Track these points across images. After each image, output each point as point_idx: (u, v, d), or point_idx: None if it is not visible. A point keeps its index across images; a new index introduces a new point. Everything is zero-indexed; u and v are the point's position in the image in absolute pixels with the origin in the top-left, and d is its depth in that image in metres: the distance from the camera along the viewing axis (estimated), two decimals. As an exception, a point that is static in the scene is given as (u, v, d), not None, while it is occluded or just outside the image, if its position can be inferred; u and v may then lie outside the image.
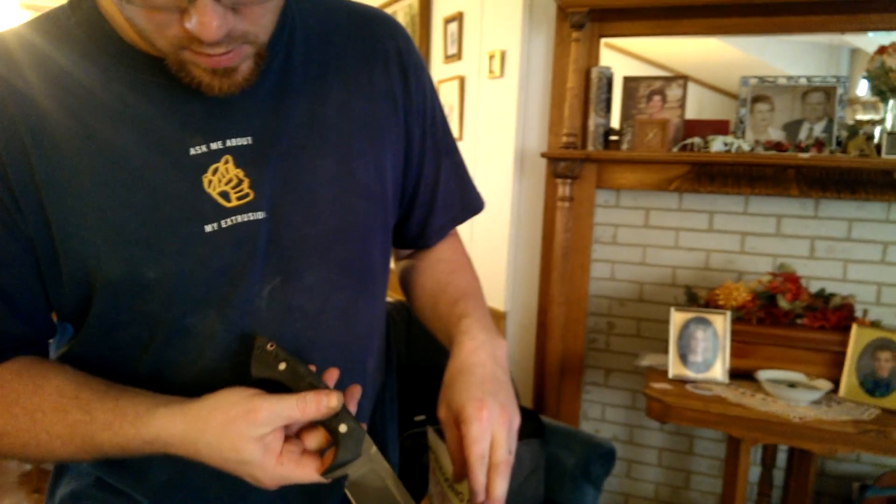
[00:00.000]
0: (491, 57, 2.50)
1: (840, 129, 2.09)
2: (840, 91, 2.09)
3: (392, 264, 0.83)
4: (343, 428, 0.58)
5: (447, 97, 2.83)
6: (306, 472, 0.57)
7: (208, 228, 0.61)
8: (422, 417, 1.87)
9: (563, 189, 2.32)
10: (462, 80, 2.73)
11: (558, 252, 2.35)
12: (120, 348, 0.64)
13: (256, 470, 0.56)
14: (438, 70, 2.93)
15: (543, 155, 2.35)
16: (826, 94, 2.10)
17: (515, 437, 0.61)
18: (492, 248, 2.55)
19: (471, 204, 0.86)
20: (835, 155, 2.03)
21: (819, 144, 2.07)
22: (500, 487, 0.57)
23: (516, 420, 0.61)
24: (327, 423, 0.58)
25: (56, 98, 0.59)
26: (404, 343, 2.19)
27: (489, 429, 0.59)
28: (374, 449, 0.60)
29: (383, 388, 0.83)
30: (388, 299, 1.10)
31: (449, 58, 2.82)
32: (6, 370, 0.62)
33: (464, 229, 0.89)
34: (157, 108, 0.61)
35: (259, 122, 0.64)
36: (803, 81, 2.13)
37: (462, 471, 0.61)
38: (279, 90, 0.66)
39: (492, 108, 2.57)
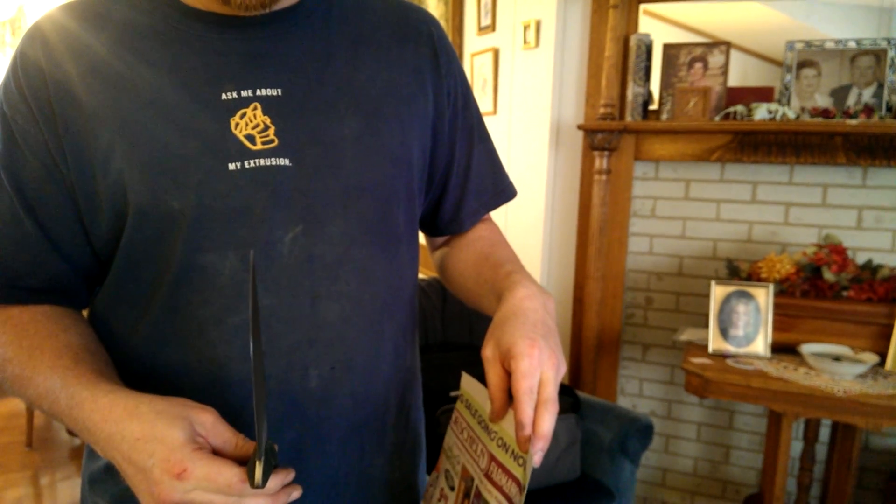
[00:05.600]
0: (525, 27, 2.46)
1: (891, 93, 2.00)
2: (891, 54, 2.00)
3: (423, 253, 0.82)
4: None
5: (481, 70, 2.80)
6: None
7: (231, 167, 0.64)
8: (457, 393, 1.89)
9: (600, 162, 2.29)
10: (496, 52, 2.69)
11: (595, 226, 2.32)
12: (140, 286, 0.66)
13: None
14: (472, 42, 2.90)
15: (580, 127, 2.31)
16: (876, 58, 2.02)
17: (559, 383, 0.61)
18: (527, 223, 2.53)
19: (503, 190, 0.88)
20: (885, 121, 1.96)
21: (868, 110, 1.99)
22: (547, 423, 0.57)
23: (563, 368, 0.61)
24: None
25: (105, 46, 0.64)
26: (439, 320, 2.20)
27: (539, 366, 0.58)
28: None
29: (412, 369, 0.83)
30: (422, 276, 1.10)
31: (482, 29, 2.78)
32: (41, 310, 0.67)
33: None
34: (197, 57, 0.65)
35: (290, 78, 0.67)
36: (852, 45, 2.04)
37: (502, 410, 0.61)
38: (313, 52, 0.69)
39: (527, 80, 2.53)
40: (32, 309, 0.67)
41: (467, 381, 0.70)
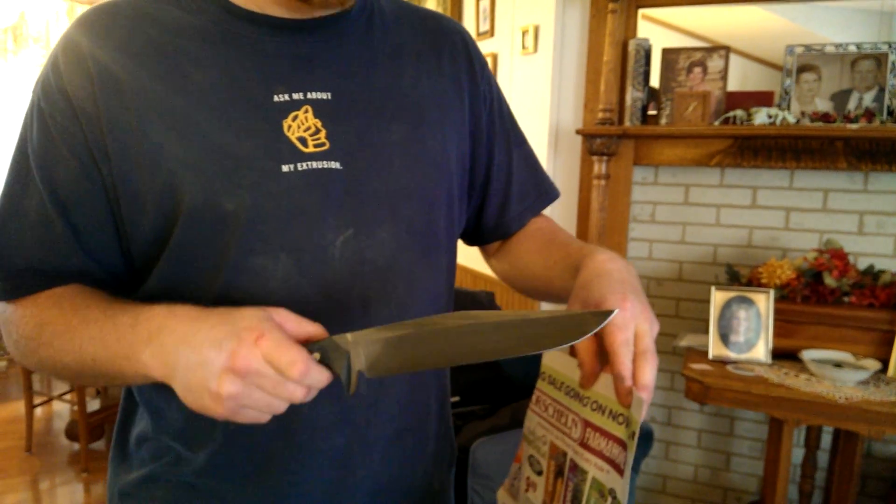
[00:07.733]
0: (524, 32, 2.46)
1: (891, 97, 1.99)
2: (892, 58, 1.99)
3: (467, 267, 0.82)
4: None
5: (480, 75, 2.79)
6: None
7: (284, 168, 0.64)
8: (456, 399, 1.88)
9: (599, 166, 2.28)
10: (495, 58, 2.69)
11: (594, 232, 2.31)
12: (189, 287, 0.65)
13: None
14: (471, 47, 2.89)
15: (579, 132, 2.30)
16: (877, 62, 2.01)
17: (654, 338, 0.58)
18: (527, 228, 2.52)
19: (546, 192, 0.88)
20: (886, 125, 1.95)
21: (869, 115, 1.98)
22: (649, 374, 0.55)
23: (656, 325, 0.59)
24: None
25: (153, 45, 0.64)
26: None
27: (633, 319, 0.56)
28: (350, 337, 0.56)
29: (448, 377, 0.84)
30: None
31: (481, 35, 2.78)
32: (74, 285, 0.67)
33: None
34: (248, 59, 0.66)
35: (339, 82, 0.68)
36: (852, 49, 2.03)
37: (593, 373, 0.59)
38: (359, 58, 0.71)
39: (525, 85, 2.53)
40: (64, 287, 0.66)
41: (550, 356, 0.69)
